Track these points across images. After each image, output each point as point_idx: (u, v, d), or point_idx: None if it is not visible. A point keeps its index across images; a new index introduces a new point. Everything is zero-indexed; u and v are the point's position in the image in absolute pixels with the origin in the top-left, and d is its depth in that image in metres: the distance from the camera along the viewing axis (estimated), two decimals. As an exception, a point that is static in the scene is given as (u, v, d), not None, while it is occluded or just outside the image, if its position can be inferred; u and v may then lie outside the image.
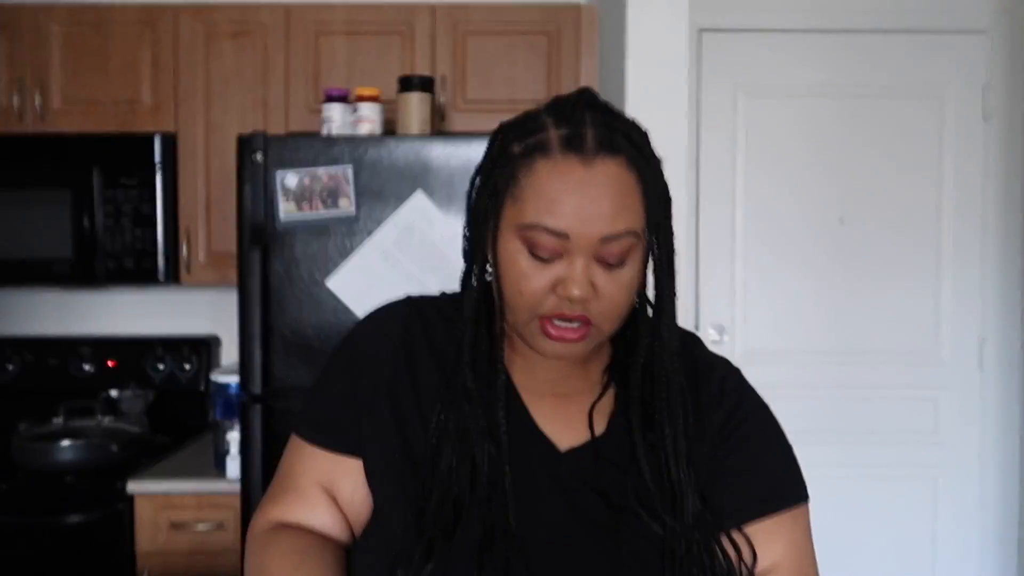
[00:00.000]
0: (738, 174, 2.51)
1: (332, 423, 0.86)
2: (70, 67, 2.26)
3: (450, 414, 0.81)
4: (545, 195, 0.75)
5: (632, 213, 0.76)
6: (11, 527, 1.95)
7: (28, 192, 2.20)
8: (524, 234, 0.76)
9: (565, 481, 0.80)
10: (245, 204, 1.78)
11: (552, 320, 0.77)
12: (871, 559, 2.54)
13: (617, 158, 0.76)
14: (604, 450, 0.82)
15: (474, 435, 0.79)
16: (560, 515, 0.78)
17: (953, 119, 2.51)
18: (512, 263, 0.77)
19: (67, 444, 2.02)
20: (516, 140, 0.78)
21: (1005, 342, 2.54)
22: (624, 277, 0.77)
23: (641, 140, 0.79)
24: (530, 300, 0.77)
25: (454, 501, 0.77)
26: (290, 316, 1.78)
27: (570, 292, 0.75)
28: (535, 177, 0.76)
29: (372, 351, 0.87)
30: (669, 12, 1.87)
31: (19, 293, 2.58)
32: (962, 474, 2.55)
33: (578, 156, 0.75)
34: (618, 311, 0.79)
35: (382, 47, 2.27)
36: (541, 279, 0.76)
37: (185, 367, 2.46)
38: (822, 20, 2.49)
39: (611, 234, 0.75)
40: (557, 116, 0.78)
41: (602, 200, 0.74)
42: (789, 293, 2.52)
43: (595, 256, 0.76)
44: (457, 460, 0.79)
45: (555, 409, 0.84)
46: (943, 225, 2.52)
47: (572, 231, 0.74)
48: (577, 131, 0.76)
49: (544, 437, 0.82)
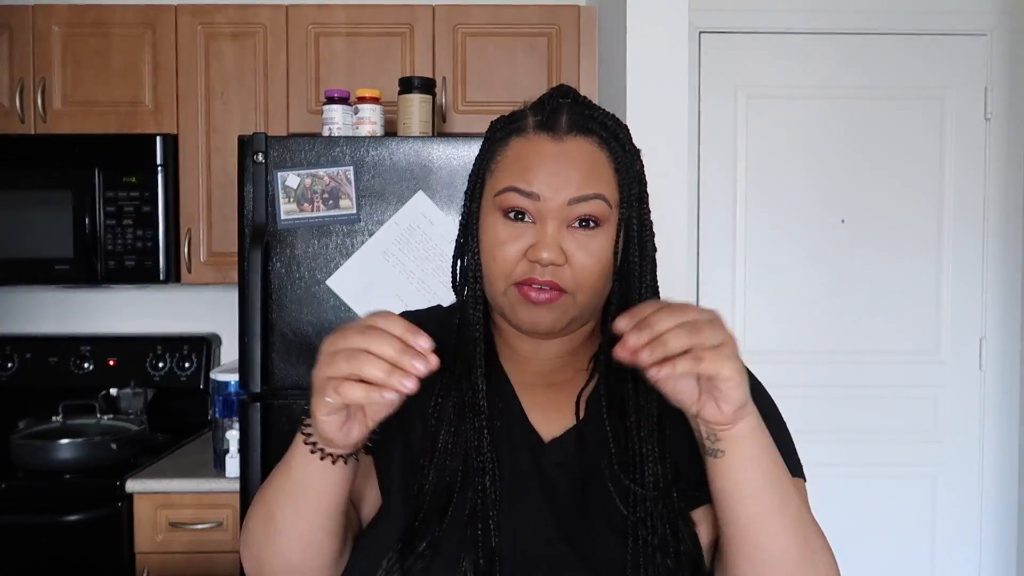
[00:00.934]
0: (738, 174, 2.51)
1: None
2: (71, 68, 2.27)
3: (446, 399, 0.83)
4: (517, 162, 0.80)
5: (602, 183, 0.80)
6: (10, 526, 1.95)
7: (30, 193, 2.21)
8: (499, 201, 0.80)
9: (546, 469, 0.81)
10: (246, 204, 1.78)
11: (525, 286, 0.79)
12: (871, 558, 2.54)
13: (588, 137, 0.81)
14: (586, 436, 0.83)
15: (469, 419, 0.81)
16: (538, 503, 0.79)
17: (954, 120, 2.51)
18: (489, 232, 0.81)
19: (66, 443, 2.02)
20: (500, 130, 0.84)
21: (1005, 342, 2.54)
22: (595, 244, 0.80)
23: (616, 127, 0.83)
24: (503, 266, 0.80)
25: (448, 481, 0.79)
26: (290, 315, 1.78)
27: (539, 255, 0.77)
28: (510, 151, 0.81)
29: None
30: (669, 13, 1.87)
31: (20, 292, 2.58)
32: (962, 473, 2.55)
33: (550, 134, 0.80)
34: (591, 279, 0.80)
35: (382, 48, 2.27)
36: (514, 245, 0.79)
37: (185, 366, 2.46)
38: (822, 22, 2.49)
39: (580, 196, 0.78)
40: (535, 107, 0.84)
41: (572, 169, 0.79)
42: (789, 293, 2.52)
43: (566, 222, 0.79)
44: (452, 443, 0.80)
45: (545, 399, 0.86)
46: (944, 225, 2.52)
47: (542, 193, 0.78)
48: (552, 115, 0.81)
49: (531, 427, 0.84)
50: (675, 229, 1.84)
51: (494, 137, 0.85)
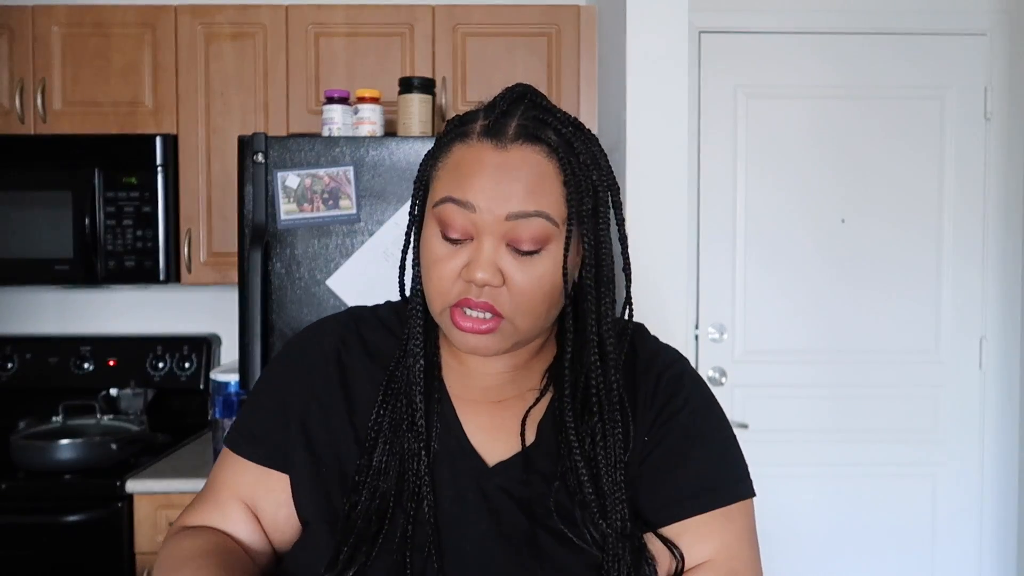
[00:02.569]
0: (738, 174, 2.51)
1: (261, 435, 0.83)
2: (71, 69, 2.27)
3: (386, 411, 0.79)
4: (457, 171, 0.75)
5: (547, 198, 0.73)
6: (10, 526, 1.95)
7: (30, 193, 2.21)
8: (437, 212, 0.75)
9: (492, 497, 0.77)
10: (246, 205, 1.78)
11: (462, 309, 0.74)
12: (871, 558, 2.54)
13: (536, 146, 0.74)
14: (534, 460, 0.78)
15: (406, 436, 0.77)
16: (484, 531, 0.75)
17: (954, 120, 2.51)
18: (427, 247, 0.76)
19: (66, 443, 2.02)
20: (447, 133, 0.79)
21: (1005, 341, 2.54)
22: (538, 268, 0.73)
23: (572, 134, 0.76)
24: (439, 285, 0.75)
25: (380, 501, 0.76)
26: (290, 315, 1.78)
27: (473, 274, 0.72)
28: (451, 159, 0.76)
29: (306, 362, 0.85)
30: (669, 13, 1.87)
31: (20, 292, 2.58)
32: (962, 473, 2.55)
33: (493, 142, 0.74)
34: (531, 305, 0.74)
35: (382, 48, 2.27)
36: (451, 263, 0.74)
37: (185, 366, 2.46)
38: (822, 22, 2.49)
39: (520, 212, 0.72)
40: (488, 110, 0.78)
41: (514, 182, 0.72)
42: (789, 293, 2.52)
43: (505, 240, 0.73)
44: (388, 458, 0.77)
45: (489, 418, 0.81)
46: (944, 225, 2.52)
47: (479, 205, 0.72)
48: (499, 121, 0.75)
49: (473, 451, 0.79)
50: (675, 229, 1.84)
51: (441, 140, 0.79)
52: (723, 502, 0.79)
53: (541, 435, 0.80)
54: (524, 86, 0.79)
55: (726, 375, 2.51)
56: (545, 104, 0.78)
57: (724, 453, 0.83)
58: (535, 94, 0.79)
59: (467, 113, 0.80)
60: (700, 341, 2.51)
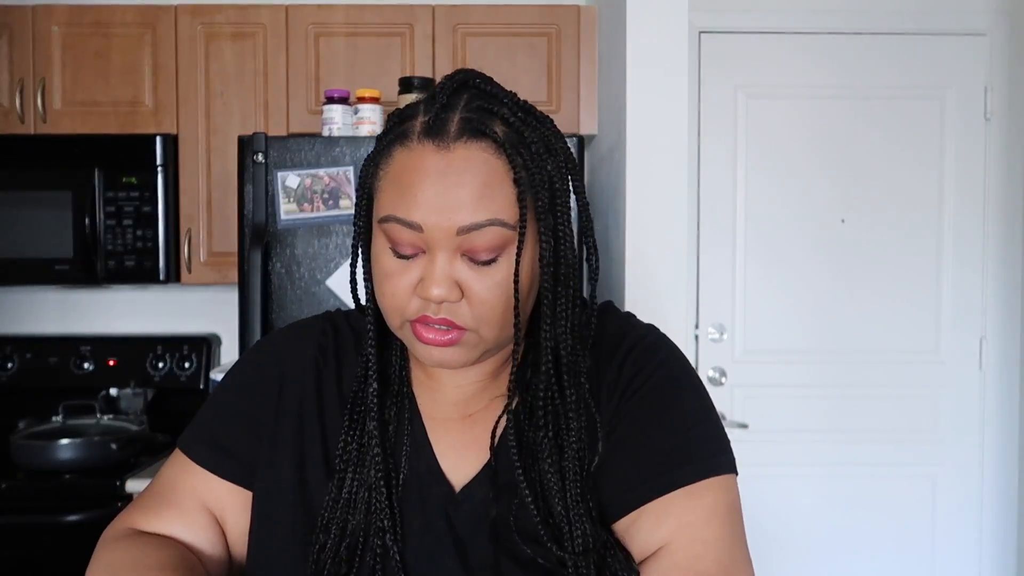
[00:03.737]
0: (738, 174, 2.51)
1: (229, 448, 0.78)
2: (71, 68, 2.27)
3: (353, 437, 0.74)
4: (399, 184, 0.68)
5: (499, 202, 0.67)
6: (10, 526, 1.95)
7: (30, 193, 2.21)
8: (384, 228, 0.69)
9: (458, 527, 0.73)
10: (246, 205, 1.78)
11: (420, 324, 0.69)
12: (871, 558, 2.54)
13: (481, 142, 0.67)
14: (500, 474, 0.74)
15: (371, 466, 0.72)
16: (450, 568, 0.72)
17: (954, 120, 2.51)
18: (377, 262, 0.71)
19: (66, 443, 2.02)
20: (390, 131, 0.72)
21: (1005, 342, 2.54)
22: (496, 275, 0.68)
23: (520, 121, 0.69)
24: (394, 302, 0.69)
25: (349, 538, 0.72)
26: (290, 315, 1.78)
27: (428, 292, 0.67)
28: (391, 167, 0.69)
29: (280, 372, 0.80)
30: (669, 13, 1.87)
31: (20, 292, 2.58)
32: (961, 473, 2.55)
33: (435, 142, 0.67)
34: (493, 314, 0.69)
35: (382, 48, 2.27)
36: (404, 279, 0.69)
37: (185, 366, 2.46)
38: (822, 22, 2.49)
39: (471, 224, 0.66)
40: (428, 102, 0.70)
41: (459, 188, 0.66)
42: (789, 293, 2.52)
43: (459, 251, 0.68)
44: (356, 491, 0.73)
45: (459, 434, 0.76)
46: (944, 225, 2.52)
47: (426, 223, 0.66)
48: (440, 116, 0.68)
49: (442, 476, 0.75)
50: (675, 229, 1.84)
51: (381, 142, 0.72)
52: (685, 480, 0.71)
53: (504, 443, 0.74)
54: (466, 71, 0.72)
55: (726, 375, 2.51)
56: (490, 90, 0.71)
57: (689, 426, 0.74)
58: (480, 78, 0.71)
59: (408, 107, 0.72)
60: (700, 341, 2.51)
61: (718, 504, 0.71)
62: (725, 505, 0.72)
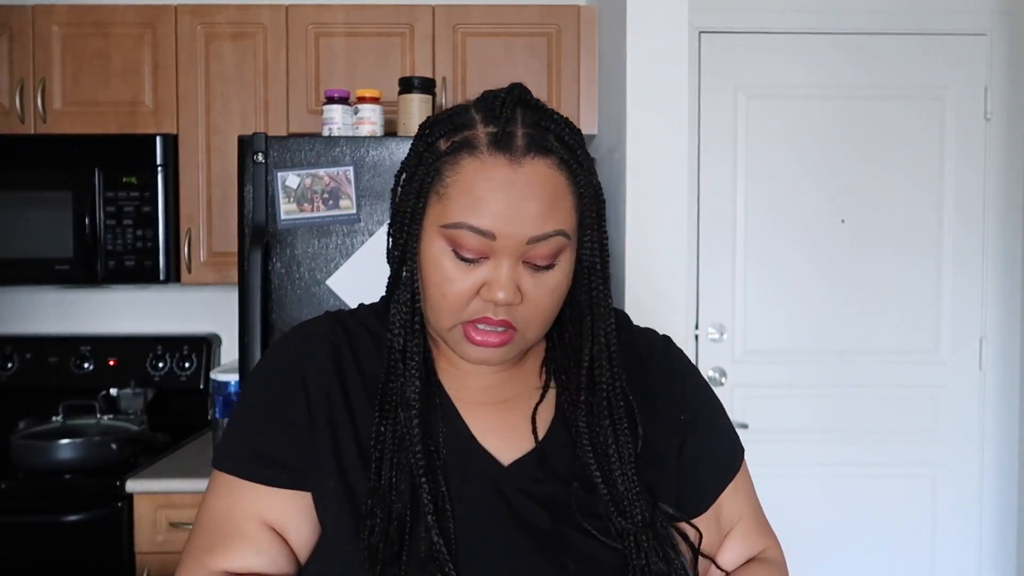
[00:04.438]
0: (738, 174, 2.51)
1: (277, 456, 0.78)
2: (71, 68, 2.27)
3: (387, 427, 0.76)
4: (471, 193, 0.71)
5: (561, 214, 0.73)
6: (10, 526, 1.95)
7: (30, 193, 2.21)
8: (449, 234, 0.72)
9: (510, 496, 0.76)
10: (246, 204, 1.78)
11: (476, 325, 0.74)
12: (871, 558, 2.54)
13: (547, 159, 0.73)
14: (548, 458, 0.78)
15: (411, 449, 0.75)
16: (507, 532, 0.74)
17: (954, 120, 2.52)
18: (436, 265, 0.74)
19: (66, 443, 2.02)
20: (443, 136, 0.75)
21: (1005, 342, 2.54)
22: (551, 281, 0.75)
23: (573, 140, 0.76)
24: (454, 304, 0.74)
25: (396, 521, 0.73)
26: (290, 315, 1.78)
27: (495, 295, 0.72)
28: (461, 175, 0.72)
29: (302, 373, 0.80)
30: (669, 13, 1.87)
31: (20, 292, 2.58)
32: (962, 473, 2.55)
33: (506, 156, 0.72)
34: (544, 316, 0.76)
35: (382, 48, 2.27)
36: (466, 282, 0.73)
37: (185, 366, 2.46)
38: (822, 22, 2.49)
39: (539, 235, 0.72)
40: (486, 113, 0.75)
41: (530, 200, 0.71)
42: (789, 293, 2.52)
43: (522, 258, 0.73)
44: (397, 475, 0.74)
45: (496, 418, 0.80)
46: (944, 225, 2.52)
47: (498, 231, 0.71)
48: (506, 130, 0.73)
49: (485, 452, 0.78)
50: (675, 229, 1.84)
51: (438, 150, 0.75)
52: (740, 461, 0.87)
53: (552, 433, 0.80)
54: (519, 87, 0.78)
55: (726, 375, 2.51)
56: (537, 104, 0.77)
57: (727, 418, 0.89)
58: (526, 92, 0.78)
59: (455, 113, 0.76)
60: (700, 341, 2.51)
61: (747, 470, 0.89)
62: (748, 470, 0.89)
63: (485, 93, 0.78)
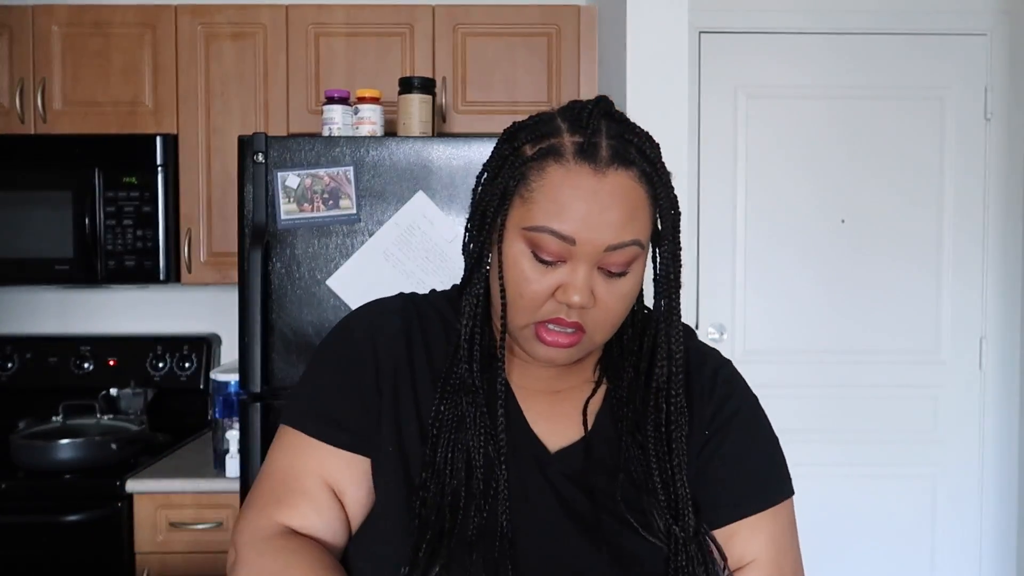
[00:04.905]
0: (738, 174, 2.51)
1: (343, 419, 0.82)
2: (71, 68, 2.27)
3: (447, 407, 0.80)
4: (556, 199, 0.75)
5: (639, 225, 0.76)
6: (10, 526, 1.95)
7: (30, 193, 2.21)
8: (530, 236, 0.76)
9: (555, 481, 0.80)
10: (246, 205, 1.78)
11: (547, 325, 0.77)
12: (871, 558, 2.54)
13: (630, 171, 0.76)
14: (594, 449, 0.82)
15: (471, 430, 0.79)
16: (552, 515, 0.78)
17: (954, 120, 2.52)
18: (515, 265, 0.77)
19: (66, 443, 2.02)
20: (529, 142, 0.78)
21: (1005, 342, 2.54)
22: (624, 287, 0.77)
23: (654, 154, 0.78)
24: (529, 303, 0.77)
25: (451, 496, 0.77)
26: (290, 315, 1.78)
27: (570, 298, 0.75)
28: (547, 180, 0.75)
29: (374, 344, 0.85)
30: (669, 13, 1.87)
31: (20, 292, 2.58)
32: (962, 473, 2.55)
33: (591, 165, 0.75)
34: (613, 321, 0.79)
35: (382, 48, 2.27)
36: (542, 283, 0.76)
37: (185, 366, 2.46)
38: (822, 22, 2.49)
39: (616, 243, 0.75)
40: (572, 123, 0.77)
41: (611, 210, 0.74)
42: (789, 293, 2.52)
43: (597, 264, 0.76)
44: (453, 454, 0.78)
45: (549, 407, 0.84)
46: (944, 225, 2.53)
47: (579, 236, 0.74)
48: (591, 140, 0.75)
49: (535, 437, 0.82)
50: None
51: (524, 155, 0.78)
52: (774, 501, 0.85)
53: (599, 425, 0.83)
54: (606, 100, 0.80)
55: (726, 375, 2.51)
56: (621, 116, 0.79)
57: (774, 453, 0.87)
58: (611, 104, 0.80)
59: (541, 120, 0.79)
60: (700, 341, 2.51)
61: (791, 520, 0.87)
62: (793, 521, 0.87)
63: (571, 103, 0.80)
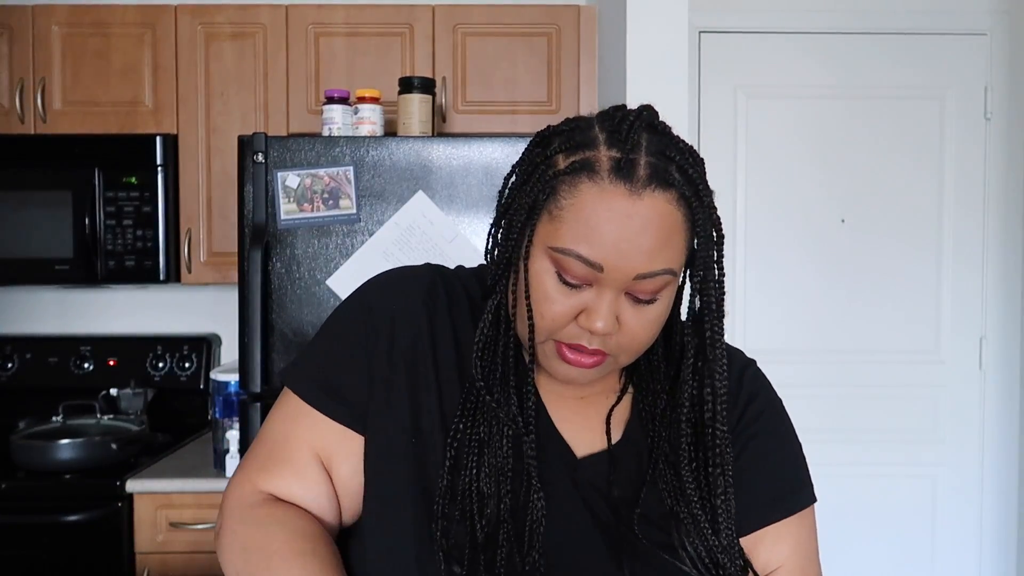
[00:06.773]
0: (738, 174, 2.51)
1: (343, 391, 0.79)
2: (71, 68, 2.27)
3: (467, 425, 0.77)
4: (586, 221, 0.69)
5: (673, 252, 0.71)
6: (10, 526, 1.95)
7: (30, 193, 2.21)
8: (556, 257, 0.71)
9: (581, 487, 0.77)
10: (246, 205, 1.78)
11: (566, 346, 0.74)
12: (871, 558, 2.54)
13: (668, 192, 0.70)
14: (620, 459, 0.79)
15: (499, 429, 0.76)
16: (579, 519, 0.76)
17: (954, 120, 2.51)
18: (538, 282, 0.72)
19: (66, 443, 2.02)
20: (563, 151, 0.73)
21: (1005, 342, 2.54)
22: (651, 314, 0.73)
23: (696, 173, 0.73)
24: (550, 324, 0.73)
25: (478, 493, 0.74)
26: (290, 315, 1.78)
27: (593, 324, 0.71)
28: (578, 199, 0.70)
29: (392, 314, 0.81)
30: (669, 12, 1.87)
31: (20, 292, 2.58)
32: (962, 473, 2.55)
33: (627, 186, 0.69)
34: (638, 347, 0.75)
35: (382, 48, 2.27)
36: (565, 305, 0.72)
37: (185, 366, 2.46)
38: (822, 22, 2.49)
39: (647, 272, 0.70)
40: (611, 134, 0.72)
41: (644, 236, 0.69)
42: (790, 293, 2.52)
43: (625, 290, 0.71)
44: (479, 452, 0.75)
45: (574, 411, 0.81)
46: (944, 225, 2.52)
47: (608, 263, 0.69)
48: (630, 157, 0.70)
49: (562, 440, 0.79)
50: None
51: (556, 166, 0.72)
52: (800, 506, 0.82)
53: (627, 435, 0.80)
54: (648, 110, 0.75)
55: (726, 375, 2.51)
56: (664, 130, 0.75)
57: (798, 457, 0.85)
58: (655, 116, 0.75)
59: (578, 127, 0.74)
60: (700, 341, 2.51)
61: (814, 526, 0.84)
62: (816, 528, 0.85)
63: (612, 110, 0.75)
